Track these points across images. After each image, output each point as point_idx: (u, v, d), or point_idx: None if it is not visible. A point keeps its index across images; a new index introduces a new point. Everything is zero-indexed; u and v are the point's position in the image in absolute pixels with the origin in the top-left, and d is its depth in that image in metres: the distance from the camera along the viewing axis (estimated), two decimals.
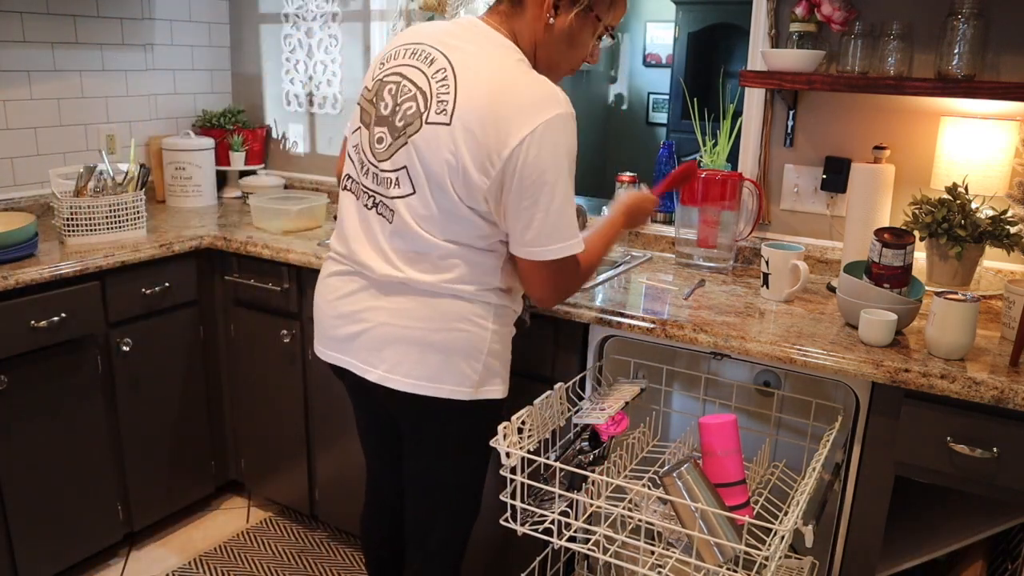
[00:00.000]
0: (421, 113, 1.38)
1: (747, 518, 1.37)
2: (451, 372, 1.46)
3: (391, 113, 1.43)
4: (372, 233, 1.48)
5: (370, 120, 1.47)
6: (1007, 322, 1.61)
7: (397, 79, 1.44)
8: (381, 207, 1.45)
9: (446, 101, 1.36)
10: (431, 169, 1.38)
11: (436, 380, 1.46)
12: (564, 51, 1.48)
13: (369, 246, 1.48)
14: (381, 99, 1.45)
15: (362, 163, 1.48)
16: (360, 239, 1.50)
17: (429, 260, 1.43)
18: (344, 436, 2.31)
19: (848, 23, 1.93)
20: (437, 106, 1.37)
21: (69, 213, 2.21)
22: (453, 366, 1.46)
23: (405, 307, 1.46)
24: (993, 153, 1.84)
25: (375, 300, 1.48)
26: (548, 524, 1.45)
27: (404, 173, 1.41)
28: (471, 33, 1.44)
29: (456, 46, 1.41)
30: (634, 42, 6.03)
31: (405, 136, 1.40)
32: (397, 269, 1.45)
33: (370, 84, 1.50)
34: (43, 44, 2.53)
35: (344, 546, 2.49)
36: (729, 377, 1.90)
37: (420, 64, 1.42)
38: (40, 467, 2.08)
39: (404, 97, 1.41)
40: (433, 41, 1.44)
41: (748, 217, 2.15)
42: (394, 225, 1.44)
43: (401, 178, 1.42)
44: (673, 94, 5.53)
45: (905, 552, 1.63)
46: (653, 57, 6.00)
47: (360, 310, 1.50)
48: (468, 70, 1.37)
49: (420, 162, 1.39)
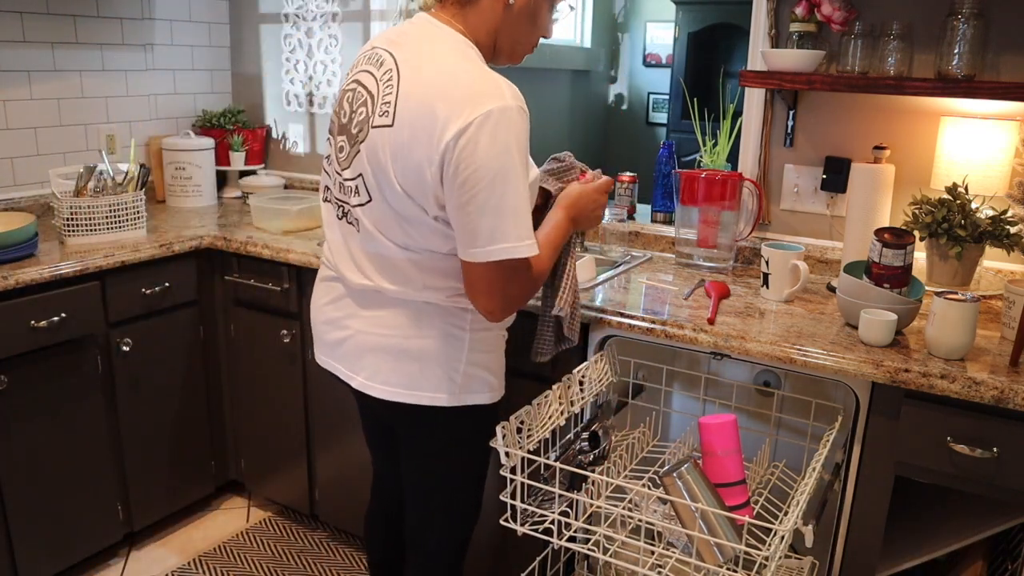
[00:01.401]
0: (368, 118, 1.36)
1: (747, 518, 1.37)
2: (428, 379, 1.45)
3: (348, 121, 1.42)
4: (345, 242, 1.48)
5: (335, 129, 1.46)
6: (1007, 322, 1.61)
7: (354, 86, 1.43)
8: (349, 216, 1.46)
9: (389, 103, 1.33)
10: (380, 174, 1.34)
11: (413, 387, 1.45)
12: (527, 29, 1.45)
13: (345, 255, 1.48)
14: (342, 108, 1.45)
15: (332, 173, 1.48)
16: (337, 249, 1.51)
17: (396, 268, 1.41)
18: (344, 436, 2.31)
19: (848, 23, 1.93)
20: (381, 109, 1.34)
21: (69, 213, 2.21)
22: (430, 372, 1.45)
23: (380, 315, 1.46)
24: (993, 153, 1.84)
25: (352, 309, 1.50)
26: (548, 524, 1.45)
27: (360, 181, 1.39)
28: (419, 30, 1.40)
29: (403, 45, 1.38)
30: (634, 42, 6.03)
31: (358, 143, 1.38)
32: (368, 278, 1.45)
33: (339, 93, 1.50)
34: (43, 44, 2.53)
35: (344, 546, 2.49)
36: (729, 377, 1.90)
37: (372, 68, 1.40)
38: (40, 467, 2.08)
39: (358, 103, 1.40)
40: (385, 43, 1.41)
41: (748, 217, 2.15)
42: (361, 234, 1.43)
43: (359, 186, 1.40)
44: (673, 94, 5.53)
45: (905, 552, 1.63)
46: (653, 57, 6.00)
47: (342, 317, 1.51)
48: (410, 68, 1.33)
49: (371, 168, 1.36)
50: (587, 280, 1.99)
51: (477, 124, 1.24)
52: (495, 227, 1.28)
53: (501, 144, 1.26)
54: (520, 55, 1.49)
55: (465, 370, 1.47)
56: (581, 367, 1.66)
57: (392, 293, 1.43)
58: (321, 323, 1.57)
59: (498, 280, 1.34)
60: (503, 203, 1.28)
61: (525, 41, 1.47)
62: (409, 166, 1.30)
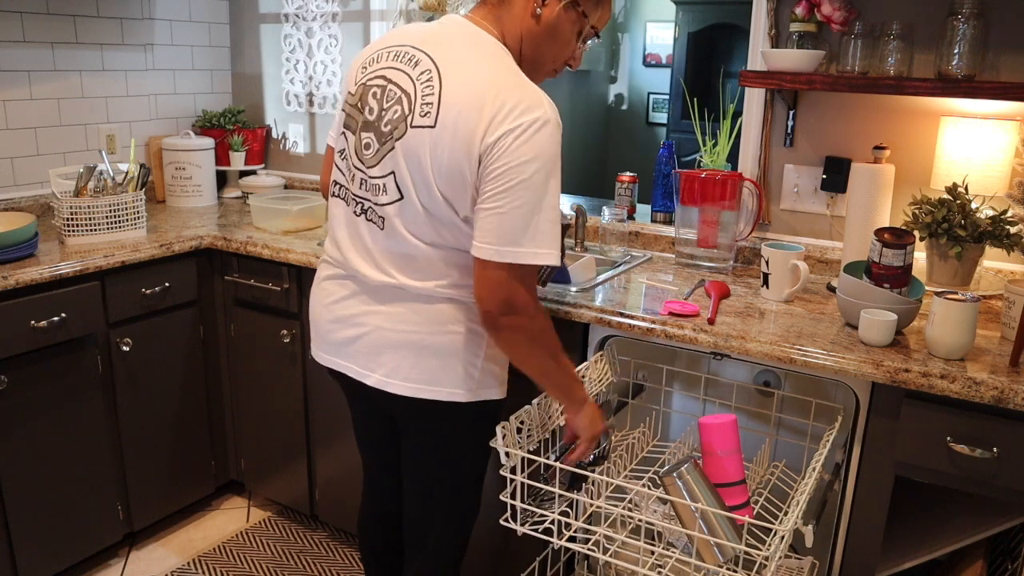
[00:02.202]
0: (406, 116, 1.37)
1: (747, 518, 1.37)
2: (448, 374, 1.46)
3: (377, 118, 1.41)
4: (363, 240, 1.47)
5: (356, 126, 1.45)
6: (1007, 322, 1.61)
7: (382, 83, 1.42)
8: (371, 213, 1.44)
9: (431, 103, 1.34)
10: (417, 173, 1.36)
11: (434, 383, 1.46)
12: (549, 45, 1.45)
13: (361, 252, 1.48)
14: (366, 104, 1.43)
15: (350, 169, 1.47)
16: (352, 245, 1.49)
17: (420, 265, 1.42)
18: (344, 436, 2.31)
19: (848, 23, 1.93)
20: (421, 109, 1.35)
21: (69, 213, 2.21)
22: (450, 368, 1.46)
23: (400, 312, 1.46)
24: (993, 153, 1.84)
25: (370, 305, 1.48)
26: (548, 524, 1.45)
27: (391, 179, 1.40)
28: (456, 33, 1.42)
29: (441, 46, 1.39)
30: (634, 42, 6.03)
31: (392, 141, 1.38)
32: (389, 275, 1.44)
33: (353, 89, 1.48)
34: (43, 44, 2.53)
35: (344, 546, 2.49)
36: (729, 377, 1.90)
37: (404, 66, 1.40)
38: (40, 467, 2.08)
39: (390, 101, 1.39)
40: (416, 42, 1.42)
41: (748, 217, 2.15)
42: (385, 231, 1.43)
43: (388, 184, 1.40)
44: (673, 94, 5.53)
45: (905, 552, 1.63)
46: (653, 57, 6.00)
47: (356, 314, 1.50)
48: (453, 70, 1.35)
49: (407, 167, 1.37)
50: (587, 280, 1.99)
51: (525, 128, 1.29)
52: (519, 228, 1.31)
53: (546, 154, 1.31)
54: (541, 74, 1.49)
55: (483, 365, 1.48)
56: (581, 367, 1.66)
57: (415, 290, 1.44)
58: (328, 322, 1.55)
59: (508, 280, 1.34)
60: (532, 207, 1.31)
61: (548, 58, 1.48)
62: (451, 167, 1.33)
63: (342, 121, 1.50)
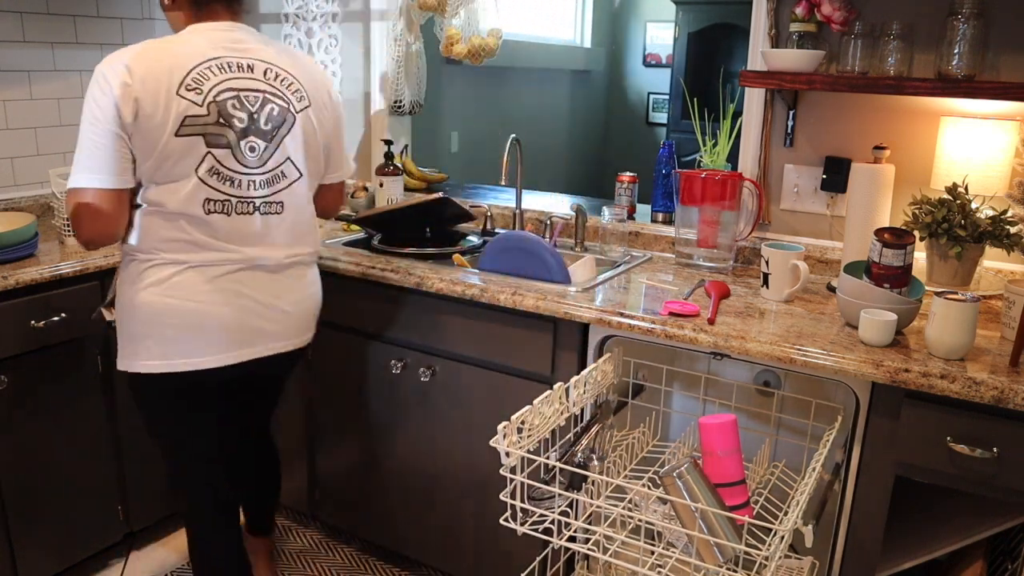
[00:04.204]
0: (286, 108, 1.64)
1: (747, 518, 1.37)
2: (314, 319, 1.86)
3: (251, 122, 1.59)
4: (260, 234, 1.65)
5: (227, 139, 1.56)
6: (1007, 322, 1.61)
7: (232, 95, 1.57)
8: (270, 206, 1.65)
9: (298, 89, 1.67)
10: (311, 148, 1.70)
11: (312, 328, 1.84)
12: None
13: (261, 244, 1.65)
14: (230, 117, 1.57)
15: (233, 179, 1.58)
16: (250, 243, 1.64)
17: (307, 231, 1.74)
18: (344, 436, 2.31)
19: (848, 23, 1.93)
20: (295, 96, 1.66)
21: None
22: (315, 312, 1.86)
23: (308, 279, 1.78)
24: (993, 153, 1.84)
25: (285, 285, 1.72)
26: (548, 524, 1.45)
27: (288, 164, 1.67)
28: (248, 35, 1.66)
29: (254, 50, 1.64)
30: (634, 42, 6.04)
31: (280, 135, 1.63)
32: (290, 252, 1.71)
33: (199, 112, 1.52)
34: (43, 44, 2.53)
35: (344, 546, 2.49)
36: (729, 377, 1.90)
37: (243, 74, 1.60)
38: (40, 467, 2.08)
39: (255, 104, 1.59)
40: (229, 53, 1.60)
41: (748, 217, 2.16)
42: (286, 213, 1.68)
43: (286, 170, 1.67)
44: (673, 94, 5.53)
45: (905, 552, 1.63)
46: (653, 57, 6.00)
47: (272, 301, 1.69)
48: (285, 61, 1.67)
49: (304, 145, 1.68)
50: (587, 280, 2.00)
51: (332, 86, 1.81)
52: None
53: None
54: None
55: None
56: (584, 373, 1.66)
57: (308, 257, 1.77)
58: (236, 328, 1.64)
59: (341, 188, 1.92)
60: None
61: None
62: (335, 125, 1.78)
63: (201, 144, 1.53)
